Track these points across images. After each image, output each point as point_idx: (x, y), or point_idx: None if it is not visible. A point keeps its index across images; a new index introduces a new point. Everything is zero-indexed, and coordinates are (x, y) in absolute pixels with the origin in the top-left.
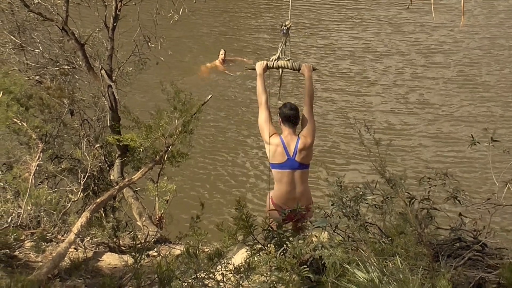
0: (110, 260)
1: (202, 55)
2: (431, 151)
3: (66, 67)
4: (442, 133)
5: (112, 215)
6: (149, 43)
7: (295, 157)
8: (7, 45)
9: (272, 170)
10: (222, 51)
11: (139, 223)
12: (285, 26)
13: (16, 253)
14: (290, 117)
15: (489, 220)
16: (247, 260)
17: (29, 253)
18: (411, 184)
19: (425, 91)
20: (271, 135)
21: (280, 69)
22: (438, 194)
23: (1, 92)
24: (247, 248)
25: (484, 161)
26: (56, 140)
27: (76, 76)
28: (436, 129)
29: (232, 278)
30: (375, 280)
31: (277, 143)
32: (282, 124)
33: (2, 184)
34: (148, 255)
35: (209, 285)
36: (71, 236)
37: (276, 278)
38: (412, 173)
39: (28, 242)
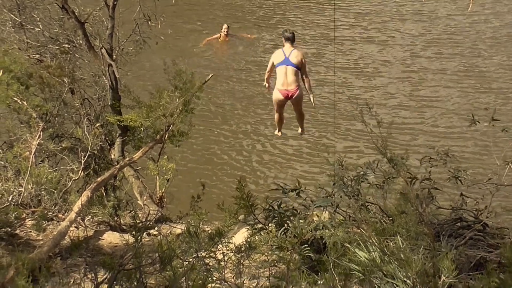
0: (111, 239)
1: (203, 34)
2: (432, 132)
3: (66, 45)
4: (444, 118)
5: (113, 194)
6: (149, 22)
7: (289, 58)
8: (7, 24)
9: (276, 68)
10: (225, 25)
11: (140, 202)
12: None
13: (17, 231)
14: (289, 38)
15: (490, 200)
16: (248, 239)
17: (30, 232)
18: (413, 164)
19: (430, 81)
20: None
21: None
22: (439, 174)
23: (1, 71)
24: (248, 227)
25: (485, 142)
26: (56, 119)
27: (77, 55)
28: (437, 114)
29: (233, 257)
30: (376, 260)
31: (279, 52)
32: (284, 41)
33: (2, 162)
34: (149, 234)
35: (210, 264)
36: (72, 215)
37: (277, 257)
38: (413, 154)
39: (29, 220)
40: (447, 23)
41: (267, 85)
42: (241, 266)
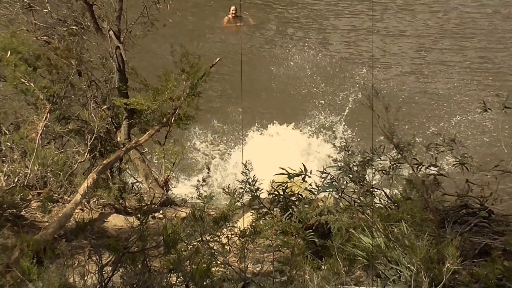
0: (116, 221)
1: (211, 17)
2: (439, 119)
3: (74, 27)
4: (456, 110)
5: (118, 177)
6: (157, 5)
7: None
8: (15, 5)
9: None
10: (233, 7)
11: (145, 185)
12: None
13: (23, 212)
14: None
15: (496, 187)
16: (253, 224)
17: (36, 213)
18: (419, 152)
19: (440, 73)
20: None
21: None
22: (446, 160)
23: (9, 52)
24: (253, 211)
25: (494, 128)
26: (63, 101)
27: (84, 37)
28: (448, 106)
29: (238, 242)
30: (381, 246)
31: None
32: None
33: (9, 144)
34: (153, 217)
35: (214, 248)
36: (77, 197)
37: (281, 242)
38: (419, 139)
39: (35, 202)
40: (459, 15)
41: None
42: (245, 251)
